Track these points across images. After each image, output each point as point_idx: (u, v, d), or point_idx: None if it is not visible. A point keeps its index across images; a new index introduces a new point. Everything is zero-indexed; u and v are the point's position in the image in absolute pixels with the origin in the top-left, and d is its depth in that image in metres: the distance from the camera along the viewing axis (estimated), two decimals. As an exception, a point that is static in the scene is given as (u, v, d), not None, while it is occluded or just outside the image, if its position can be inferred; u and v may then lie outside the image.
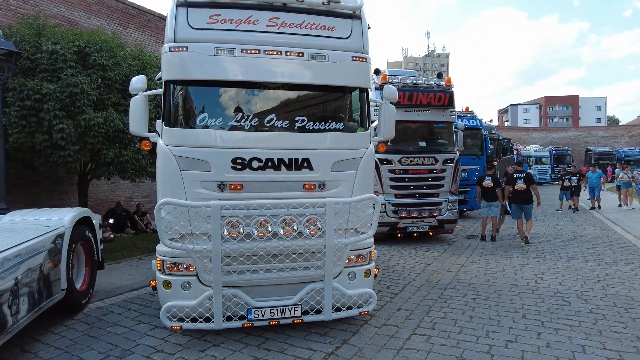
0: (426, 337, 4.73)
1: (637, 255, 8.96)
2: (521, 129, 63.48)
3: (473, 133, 15.35)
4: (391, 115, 5.27)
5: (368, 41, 4.91)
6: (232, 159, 4.42)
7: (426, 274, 7.42)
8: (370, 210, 4.67)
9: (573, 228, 12.94)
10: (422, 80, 10.40)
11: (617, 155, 42.17)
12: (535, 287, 6.61)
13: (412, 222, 10.10)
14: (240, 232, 4.30)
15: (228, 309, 4.34)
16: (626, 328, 4.93)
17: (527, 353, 4.30)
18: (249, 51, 4.40)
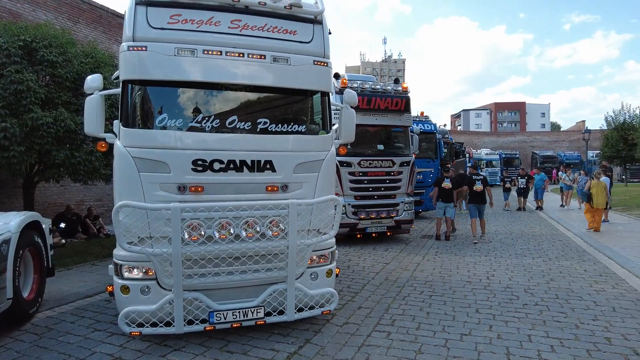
0: (386, 333, 4.88)
1: (577, 251, 9.66)
2: (473, 133, 66.41)
3: (428, 137, 15.92)
4: (351, 119, 5.41)
5: (329, 46, 5.02)
6: (192, 160, 4.37)
7: (385, 273, 7.63)
8: (332, 211, 4.78)
9: (521, 227, 13.72)
10: (380, 86, 10.69)
11: (559, 158, 45.04)
12: (487, 283, 6.98)
13: (371, 223, 10.33)
14: (201, 234, 4.26)
15: (189, 313, 4.29)
16: (566, 317, 5.33)
17: (480, 345, 4.55)
18: (210, 52, 4.38)
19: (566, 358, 4.22)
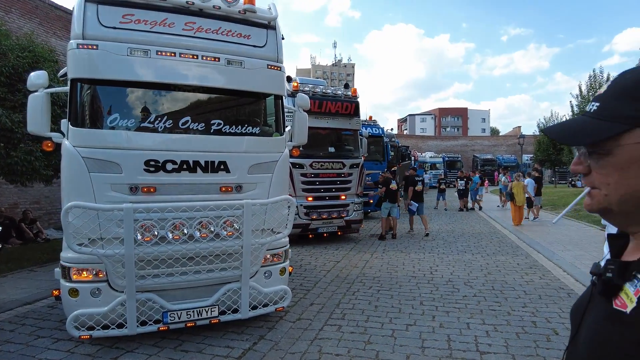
0: (337, 327, 5.11)
1: (511, 247, 10.48)
2: (418, 137, 68.95)
3: (376, 140, 16.49)
4: (304, 122, 5.60)
5: (282, 51, 5.18)
6: (144, 161, 4.35)
7: (335, 271, 7.89)
8: (285, 211, 4.93)
9: (462, 226, 14.58)
10: (331, 90, 10.99)
11: (498, 161, 47.89)
12: (430, 278, 7.43)
13: (322, 223, 10.57)
14: (154, 235, 4.26)
15: (142, 314, 4.27)
16: (500, 306, 5.84)
17: (424, 334, 4.89)
18: (164, 53, 4.39)
19: (499, 341, 4.66)
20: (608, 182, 0.85)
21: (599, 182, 0.87)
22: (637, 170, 0.81)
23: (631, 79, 0.83)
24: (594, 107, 0.88)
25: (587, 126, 0.87)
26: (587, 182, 0.90)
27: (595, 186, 0.88)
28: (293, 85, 9.83)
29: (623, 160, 0.82)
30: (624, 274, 0.84)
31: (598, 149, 0.85)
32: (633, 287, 0.82)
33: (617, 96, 0.84)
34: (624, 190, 0.83)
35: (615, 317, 0.82)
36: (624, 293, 0.83)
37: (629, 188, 0.83)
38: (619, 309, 0.82)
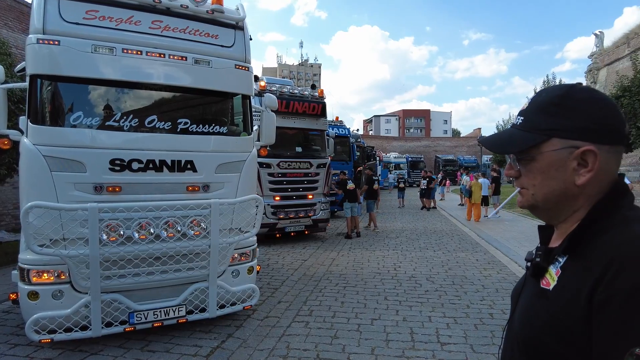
0: (305, 323, 5.21)
1: (471, 243, 10.94)
2: (383, 137, 70.15)
3: (342, 141, 16.73)
4: (272, 122, 5.66)
5: (250, 51, 5.23)
6: (110, 159, 4.29)
7: (303, 269, 7.99)
8: (253, 210, 4.97)
9: (424, 224, 15.04)
10: (298, 90, 11.07)
11: (459, 162, 49.48)
12: (394, 274, 7.67)
13: (289, 223, 10.65)
14: (120, 235, 4.21)
15: (108, 315, 4.20)
16: (460, 299, 6.13)
17: (388, 327, 5.08)
18: (130, 51, 4.34)
19: (458, 333, 4.90)
20: (534, 184, 1.01)
21: (526, 184, 1.03)
22: (555, 173, 0.96)
23: (546, 97, 0.99)
24: (519, 121, 1.03)
25: (515, 137, 1.02)
26: (518, 183, 1.05)
27: (524, 187, 1.04)
28: (260, 85, 9.83)
29: (544, 165, 0.97)
30: (549, 258, 1.00)
31: (525, 156, 1.01)
32: (555, 268, 0.97)
33: (536, 111, 1.00)
34: (546, 190, 0.99)
35: (541, 294, 0.97)
36: (548, 274, 0.98)
37: (550, 188, 0.98)
38: (544, 287, 0.98)
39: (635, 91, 16.81)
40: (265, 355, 4.33)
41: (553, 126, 0.96)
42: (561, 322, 0.88)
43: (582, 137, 0.93)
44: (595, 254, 0.87)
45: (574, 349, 0.86)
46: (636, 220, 0.89)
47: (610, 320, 0.80)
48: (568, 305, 0.88)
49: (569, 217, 1.00)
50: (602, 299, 0.81)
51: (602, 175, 0.94)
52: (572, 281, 0.90)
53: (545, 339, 0.92)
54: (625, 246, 0.83)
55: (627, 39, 32.93)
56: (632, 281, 0.78)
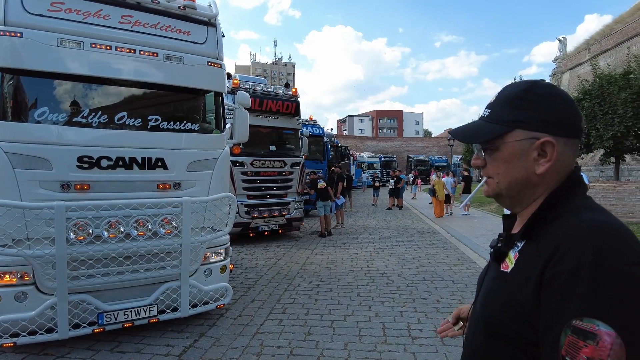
0: (278, 320, 5.22)
1: (441, 241, 11.20)
2: (357, 137, 70.82)
3: (316, 140, 16.79)
4: (245, 120, 5.64)
5: (222, 48, 5.20)
6: (77, 157, 4.18)
7: (277, 268, 7.99)
8: (226, 209, 4.94)
9: (397, 222, 15.28)
10: (272, 89, 11.03)
11: (430, 162, 50.49)
12: (367, 271, 7.78)
13: (263, 222, 10.60)
14: (89, 233, 4.11)
15: (75, 316, 4.09)
16: (431, 295, 6.29)
17: (360, 322, 5.16)
18: (98, 46, 4.23)
19: (429, 327, 5.03)
20: (498, 172, 1.07)
21: (492, 173, 1.09)
22: (517, 162, 1.03)
23: (511, 91, 1.07)
24: (486, 113, 1.11)
25: (482, 128, 1.09)
26: (485, 173, 1.12)
27: (490, 176, 1.10)
28: (233, 83, 9.76)
29: (507, 154, 1.04)
30: (509, 243, 1.08)
31: (490, 146, 1.07)
32: (514, 252, 1.05)
33: (501, 104, 1.07)
34: (509, 178, 1.06)
35: (501, 276, 1.05)
36: (508, 258, 1.06)
37: (513, 176, 1.05)
38: (503, 270, 1.05)
39: (595, 94, 17.63)
40: (239, 353, 4.32)
41: (516, 118, 1.03)
42: (516, 302, 0.95)
43: (542, 129, 1.00)
44: (548, 238, 0.94)
45: (528, 326, 0.92)
46: (585, 208, 0.97)
47: (552, 297, 0.86)
48: (522, 285, 0.94)
49: (530, 204, 1.06)
50: (548, 277, 0.88)
51: (559, 165, 1.01)
52: (527, 263, 0.97)
53: (502, 318, 0.98)
54: (572, 230, 0.91)
55: (587, 44, 34.45)
56: (574, 261, 0.85)
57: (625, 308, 0.80)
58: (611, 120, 16.68)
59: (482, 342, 1.07)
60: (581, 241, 0.87)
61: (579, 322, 0.81)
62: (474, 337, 1.13)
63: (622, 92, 16.52)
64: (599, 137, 17.13)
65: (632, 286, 0.82)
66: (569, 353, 0.81)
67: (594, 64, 19.42)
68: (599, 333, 0.79)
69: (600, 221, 0.92)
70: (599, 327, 0.79)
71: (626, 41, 29.02)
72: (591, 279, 0.82)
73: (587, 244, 0.86)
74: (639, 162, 24.21)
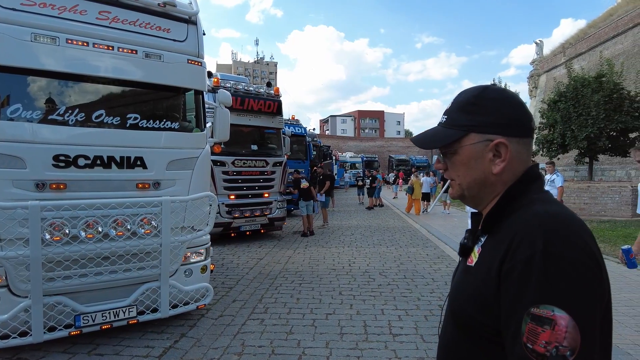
0: (260, 320, 5.21)
1: (422, 239, 11.35)
2: (339, 137, 71.04)
3: (298, 140, 16.76)
4: (226, 118, 5.60)
5: (203, 46, 5.15)
6: (53, 155, 4.08)
7: (258, 268, 7.96)
8: (207, 208, 4.90)
9: (378, 221, 15.41)
10: (253, 88, 10.97)
11: (411, 162, 51.03)
12: (349, 269, 7.83)
13: (245, 222, 10.53)
14: (65, 234, 4.01)
15: (51, 319, 3.98)
16: (411, 292, 6.37)
17: (342, 321, 5.19)
18: (75, 42, 4.14)
19: (409, 324, 5.10)
20: (458, 174, 1.13)
21: (453, 175, 1.14)
22: (474, 164, 1.08)
23: (464, 97, 1.13)
24: (444, 119, 1.16)
25: (439, 134, 1.15)
26: (447, 176, 1.17)
27: (452, 178, 1.15)
28: (214, 81, 9.67)
29: (464, 157, 1.10)
30: (474, 239, 1.14)
31: (449, 150, 1.13)
32: (477, 247, 1.10)
33: (456, 110, 1.13)
34: (469, 179, 1.11)
35: (467, 270, 1.11)
36: (473, 253, 1.11)
37: (472, 177, 1.10)
38: (469, 264, 1.11)
39: (570, 96, 18.13)
40: (220, 353, 4.29)
41: (470, 122, 1.08)
42: (480, 294, 0.99)
43: (495, 131, 1.05)
44: (505, 231, 0.99)
45: (492, 317, 0.96)
46: (539, 201, 1.01)
47: (511, 287, 0.90)
48: (484, 278, 0.99)
49: (490, 202, 1.11)
50: (506, 269, 0.92)
51: (515, 164, 1.06)
52: (488, 257, 1.02)
53: (469, 310, 1.03)
54: (525, 222, 0.95)
55: (563, 48, 35.39)
56: (527, 251, 0.89)
57: (575, 291, 0.85)
58: (585, 121, 17.20)
59: (453, 334, 1.12)
60: (532, 232, 0.92)
61: (537, 309, 0.85)
62: (446, 330, 1.18)
63: (595, 95, 17.06)
64: (574, 138, 17.64)
65: (580, 270, 0.87)
66: (529, 340, 0.85)
67: (569, 67, 19.98)
68: (554, 318, 0.83)
69: (550, 212, 0.96)
70: (554, 312, 0.84)
71: (599, 45, 29.96)
72: (543, 267, 0.86)
73: (537, 233, 0.90)
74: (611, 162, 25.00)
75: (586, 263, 0.88)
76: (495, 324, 0.95)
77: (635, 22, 27.08)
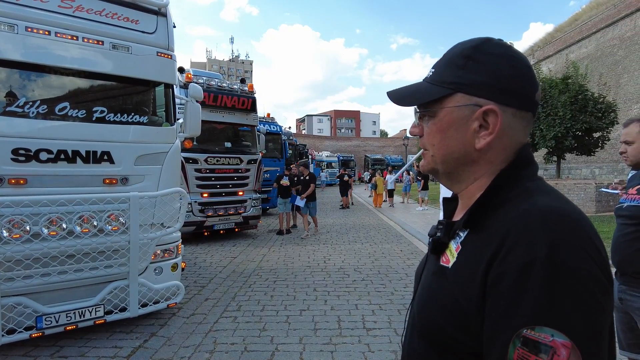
0: (232, 318, 5.13)
1: (396, 236, 11.46)
2: (315, 137, 71.10)
3: (274, 138, 16.65)
4: (197, 113, 5.49)
5: (173, 39, 5.02)
6: (12, 149, 3.89)
7: (232, 266, 7.85)
8: (177, 204, 4.79)
9: (353, 219, 15.49)
10: (227, 84, 10.80)
11: (386, 161, 51.57)
12: (324, 266, 7.82)
13: (218, 220, 10.36)
14: (26, 231, 3.84)
15: (10, 321, 3.79)
16: (385, 287, 6.41)
17: (316, 317, 5.17)
18: (35, 30, 3.96)
19: (383, 318, 5.12)
20: (433, 143, 0.91)
21: (428, 144, 0.92)
22: (454, 132, 0.87)
23: (459, 48, 0.89)
24: (430, 73, 0.93)
25: (421, 89, 0.92)
26: (421, 143, 0.95)
27: (425, 148, 0.93)
28: (186, 77, 9.47)
29: (444, 122, 0.88)
30: (449, 233, 0.90)
31: (428, 111, 0.90)
32: (455, 243, 0.87)
33: (445, 64, 0.90)
34: (444, 151, 0.89)
35: (440, 272, 0.87)
36: (449, 250, 0.88)
37: (448, 149, 0.88)
38: (443, 264, 0.87)
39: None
40: (191, 351, 4.20)
41: (458, 80, 0.86)
42: (458, 305, 0.78)
43: (486, 95, 0.84)
44: (494, 227, 0.78)
45: (472, 334, 0.76)
46: (536, 191, 0.81)
47: (499, 300, 0.71)
48: (465, 285, 0.78)
49: (471, 185, 0.90)
50: (494, 277, 0.73)
51: (505, 141, 0.86)
52: (471, 258, 0.80)
53: (442, 323, 0.81)
54: (522, 218, 0.75)
55: (532, 50, 36.54)
56: (525, 257, 0.70)
57: (582, 313, 0.67)
58: (553, 121, 17.78)
59: (419, 348, 0.90)
60: (533, 232, 0.72)
61: (530, 331, 0.66)
62: (411, 341, 0.95)
63: (562, 96, 17.66)
64: (543, 137, 18.21)
65: (590, 286, 0.68)
66: None
67: (537, 69, 20.65)
68: (553, 345, 0.65)
69: (555, 208, 0.75)
70: (553, 338, 0.65)
71: (565, 49, 31.07)
72: (544, 279, 0.67)
73: (539, 235, 0.70)
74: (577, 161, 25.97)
75: (598, 277, 0.69)
76: (475, 343, 0.75)
77: (598, 27, 28.22)
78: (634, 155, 2.49)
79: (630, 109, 24.59)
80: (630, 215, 2.44)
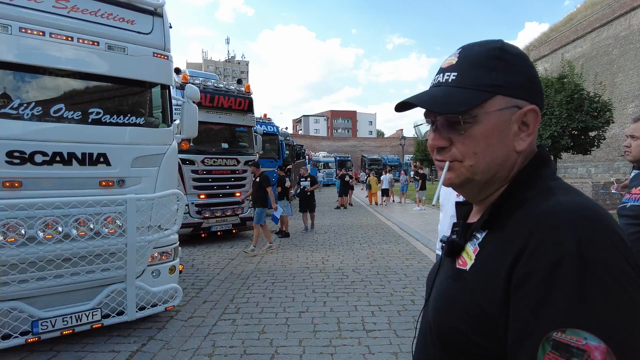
0: (231, 321, 5.09)
1: (394, 236, 11.44)
2: (312, 137, 71.05)
3: (271, 138, 16.61)
4: (193, 114, 5.44)
5: (170, 40, 4.98)
6: (6, 152, 3.84)
7: (230, 268, 7.80)
8: (174, 206, 4.74)
9: (351, 220, 15.46)
10: (223, 85, 10.74)
11: (383, 161, 51.61)
12: (322, 267, 7.79)
13: (216, 222, 10.31)
14: (21, 234, 3.78)
15: (5, 326, 3.74)
16: (384, 288, 6.38)
17: (315, 318, 5.13)
18: (29, 31, 3.91)
19: (383, 320, 5.09)
20: (475, 152, 0.84)
21: (463, 153, 0.85)
22: (498, 137, 0.83)
23: (483, 50, 0.86)
24: (452, 77, 0.86)
25: (452, 95, 0.84)
26: (446, 156, 0.87)
27: (456, 159, 0.86)
28: (182, 77, 9.41)
29: (488, 128, 0.82)
30: (466, 235, 0.89)
31: (468, 118, 0.83)
32: (472, 245, 0.85)
33: (474, 66, 0.84)
34: (489, 159, 0.84)
35: (458, 275, 0.85)
36: (465, 252, 0.86)
37: (493, 155, 0.83)
38: (460, 267, 0.85)
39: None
40: (190, 355, 4.15)
41: (496, 82, 0.82)
42: (479, 308, 0.76)
43: (523, 96, 0.83)
44: (516, 226, 0.76)
45: (495, 338, 0.73)
46: (559, 189, 0.79)
47: (526, 301, 0.68)
48: (486, 287, 0.76)
49: (498, 189, 0.87)
50: (519, 277, 0.70)
51: (534, 140, 0.85)
52: (491, 259, 0.78)
53: (461, 328, 0.79)
54: (546, 216, 0.72)
55: (528, 50, 36.64)
56: (553, 255, 0.67)
57: (617, 313, 0.63)
58: (549, 120, 17.83)
59: (436, 355, 0.87)
60: (559, 229, 0.69)
61: (561, 334, 0.63)
62: (424, 347, 0.92)
63: (557, 95, 17.72)
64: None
65: (623, 284, 0.65)
66: None
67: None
68: (587, 348, 0.61)
69: (579, 205, 0.73)
70: (586, 341, 0.62)
71: (560, 48, 31.19)
72: (575, 278, 0.64)
73: (565, 230, 0.68)
74: (573, 160, 26.06)
75: (629, 274, 0.66)
76: (498, 348, 0.72)
77: (593, 27, 28.36)
78: (638, 152, 2.48)
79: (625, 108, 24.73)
80: (634, 215, 2.42)
